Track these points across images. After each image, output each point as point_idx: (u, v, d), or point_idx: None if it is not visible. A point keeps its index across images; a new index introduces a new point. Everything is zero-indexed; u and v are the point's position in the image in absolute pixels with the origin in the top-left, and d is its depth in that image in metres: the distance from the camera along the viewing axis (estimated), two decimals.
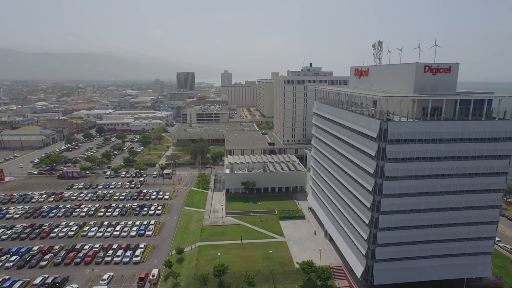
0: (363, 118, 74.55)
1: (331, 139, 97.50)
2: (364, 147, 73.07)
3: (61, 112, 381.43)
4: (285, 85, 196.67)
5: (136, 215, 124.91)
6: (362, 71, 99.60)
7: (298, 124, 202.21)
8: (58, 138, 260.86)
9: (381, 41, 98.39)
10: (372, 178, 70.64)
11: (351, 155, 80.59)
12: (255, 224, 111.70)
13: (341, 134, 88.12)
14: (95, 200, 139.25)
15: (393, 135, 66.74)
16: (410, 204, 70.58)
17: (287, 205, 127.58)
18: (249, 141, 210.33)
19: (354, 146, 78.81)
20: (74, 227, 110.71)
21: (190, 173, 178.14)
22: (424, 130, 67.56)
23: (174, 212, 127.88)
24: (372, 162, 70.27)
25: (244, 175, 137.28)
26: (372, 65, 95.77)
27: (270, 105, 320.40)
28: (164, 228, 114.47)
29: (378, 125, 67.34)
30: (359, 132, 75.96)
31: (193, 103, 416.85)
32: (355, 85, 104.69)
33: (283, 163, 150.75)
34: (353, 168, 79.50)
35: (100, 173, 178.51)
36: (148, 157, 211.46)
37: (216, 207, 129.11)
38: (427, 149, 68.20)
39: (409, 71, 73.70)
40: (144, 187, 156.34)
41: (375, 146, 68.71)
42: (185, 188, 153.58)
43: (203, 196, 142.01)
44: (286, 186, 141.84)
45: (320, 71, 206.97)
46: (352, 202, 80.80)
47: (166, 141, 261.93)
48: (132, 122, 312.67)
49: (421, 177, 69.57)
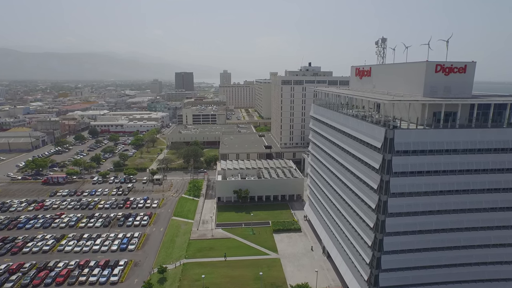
0: (366, 124, 65.35)
1: (329, 146, 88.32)
2: (366, 158, 63.88)
3: (55, 113, 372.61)
4: (283, 86, 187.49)
5: (120, 226, 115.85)
6: (363, 71, 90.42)
7: (296, 127, 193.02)
8: (49, 140, 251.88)
9: (385, 38, 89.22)
10: (375, 194, 61.46)
11: (352, 166, 71.40)
12: (246, 238, 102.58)
13: (340, 141, 78.95)
14: (78, 208, 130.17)
15: (400, 145, 57.54)
16: (420, 223, 61.36)
17: (282, 216, 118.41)
18: (245, 144, 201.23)
19: (355, 156, 69.64)
20: (50, 241, 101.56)
21: (182, 178, 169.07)
22: (436, 139, 58.33)
23: (161, 222, 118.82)
24: (375, 176, 61.09)
25: (237, 183, 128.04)
26: (375, 65, 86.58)
27: (268, 106, 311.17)
28: (148, 241, 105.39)
29: (383, 134, 58.17)
30: (361, 141, 66.77)
31: (191, 104, 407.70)
32: (356, 86, 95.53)
33: (279, 169, 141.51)
34: (354, 181, 70.31)
35: (87, 178, 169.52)
36: (140, 160, 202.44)
37: (206, 217, 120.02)
38: (439, 161, 58.97)
39: (418, 71, 64.48)
40: (132, 194, 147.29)
41: (379, 158, 59.54)
42: (175, 195, 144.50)
43: (194, 205, 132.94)
44: (281, 194, 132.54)
45: (319, 71, 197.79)
46: (353, 219, 71.61)
47: (160, 143, 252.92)
48: (127, 123, 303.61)
49: (432, 193, 60.31)
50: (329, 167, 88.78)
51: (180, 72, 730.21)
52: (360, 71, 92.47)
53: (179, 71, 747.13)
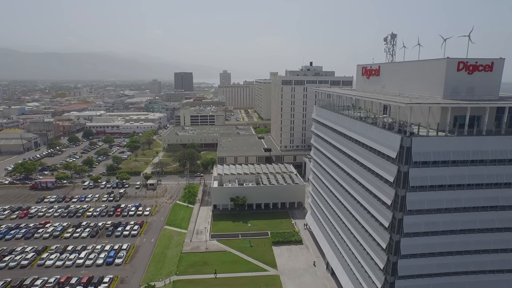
0: (377, 130, 57.39)
1: (333, 152, 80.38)
2: (378, 169, 55.92)
3: (51, 113, 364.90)
4: (283, 86, 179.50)
5: (109, 236, 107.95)
6: (371, 70, 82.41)
7: (296, 129, 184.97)
8: (42, 142, 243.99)
9: (395, 34, 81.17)
10: (389, 210, 53.50)
11: (360, 176, 63.42)
12: (243, 251, 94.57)
13: (346, 147, 71.00)
14: (65, 216, 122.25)
15: (419, 155, 49.58)
16: (440, 245, 53.39)
17: (282, 225, 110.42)
18: (244, 147, 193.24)
19: (364, 165, 61.65)
20: (30, 254, 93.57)
21: (177, 183, 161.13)
22: (460, 148, 50.35)
23: (153, 232, 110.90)
24: (389, 190, 53.13)
25: (234, 190, 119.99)
26: (385, 63, 78.62)
27: (268, 107, 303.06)
28: (138, 254, 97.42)
29: (398, 142, 50.23)
30: (371, 149, 58.82)
31: (189, 104, 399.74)
32: (363, 86, 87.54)
33: (279, 174, 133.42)
34: (363, 194, 62.32)
35: (78, 183, 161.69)
36: (135, 164, 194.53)
37: (200, 227, 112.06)
38: (463, 174, 51.01)
39: (437, 69, 56.50)
40: (123, 200, 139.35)
41: (393, 169, 51.58)
42: (169, 202, 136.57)
43: (188, 212, 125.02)
44: (281, 202, 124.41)
45: (321, 71, 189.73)
46: (362, 237, 63.62)
47: (156, 145, 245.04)
48: (123, 124, 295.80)
49: (455, 210, 52.35)
50: (333, 175, 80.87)
51: (180, 72, 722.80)
52: (368, 70, 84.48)
53: (179, 71, 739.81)
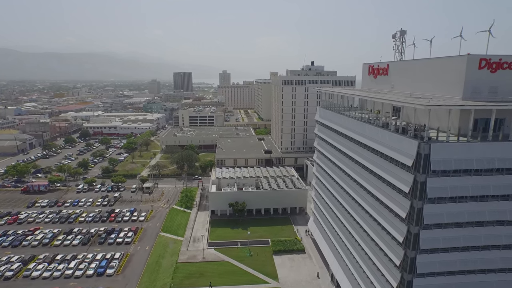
0: (389, 135, 52.10)
1: (339, 156, 75.11)
2: (391, 178, 50.63)
3: (48, 114, 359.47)
4: (284, 86, 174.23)
5: (101, 244, 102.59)
6: (379, 69, 77.13)
7: (298, 130, 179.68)
8: (37, 143, 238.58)
9: (404, 31, 75.94)
10: (403, 224, 48.22)
11: (369, 184, 58.12)
12: (242, 261, 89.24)
13: (353, 152, 65.72)
14: (56, 222, 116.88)
15: (439, 164, 44.29)
16: (461, 262, 48.12)
17: (283, 232, 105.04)
18: (243, 149, 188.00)
19: (374, 173, 56.36)
20: (16, 264, 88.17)
21: (175, 186, 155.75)
22: (484, 155, 45.08)
23: (148, 239, 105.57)
24: (404, 202, 47.84)
25: (233, 194, 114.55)
26: (394, 61, 73.33)
27: (268, 107, 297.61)
28: (131, 264, 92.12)
29: (414, 148, 44.94)
30: (383, 155, 53.54)
31: (188, 105, 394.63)
32: (369, 86, 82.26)
33: (280, 178, 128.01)
34: (374, 204, 57.01)
35: (72, 186, 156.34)
36: (131, 166, 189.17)
37: (197, 233, 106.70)
38: (488, 184, 45.74)
39: (456, 68, 51.21)
40: (118, 205, 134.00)
41: (409, 179, 46.30)
42: (165, 206, 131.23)
43: (185, 218, 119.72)
44: (282, 207, 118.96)
45: (322, 71, 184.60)
46: (372, 251, 58.31)
47: (154, 146, 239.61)
48: (120, 125, 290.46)
49: (478, 223, 47.13)
50: (339, 181, 75.59)
51: (179, 72, 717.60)
52: (375, 69, 79.22)
53: (178, 72, 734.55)
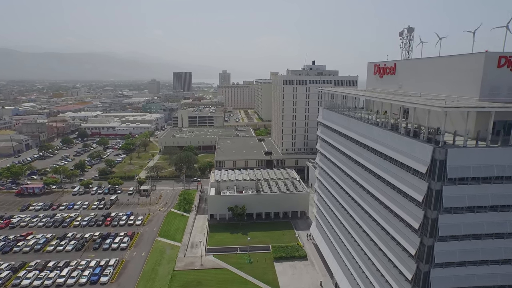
0: (400, 138, 48.40)
1: (343, 160, 71.45)
2: (402, 185, 46.95)
3: (46, 114, 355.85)
4: (284, 86, 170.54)
5: (96, 250, 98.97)
6: (385, 68, 73.45)
7: (298, 131, 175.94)
8: (34, 144, 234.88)
9: (412, 28, 72.33)
10: (416, 235, 44.54)
11: (377, 191, 54.44)
12: (242, 268, 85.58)
13: (360, 156, 62.05)
14: (50, 226, 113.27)
15: (456, 171, 40.61)
16: (479, 277, 44.43)
17: (284, 238, 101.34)
18: (243, 150, 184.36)
19: (383, 179, 52.69)
20: (5, 272, 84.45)
21: (173, 188, 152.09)
22: (505, 161, 41.36)
23: (144, 245, 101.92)
24: (416, 211, 44.16)
25: (232, 198, 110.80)
26: (402, 60, 69.72)
27: (268, 108, 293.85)
28: (126, 271, 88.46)
29: (429, 153, 41.27)
30: (393, 160, 49.85)
31: (188, 105, 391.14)
32: (375, 86, 78.60)
33: (281, 181, 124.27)
34: (382, 212, 53.33)
35: (68, 188, 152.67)
36: (129, 167, 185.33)
37: (196, 239, 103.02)
38: (509, 192, 42.04)
39: (472, 66, 47.54)
40: (114, 208, 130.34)
41: (422, 187, 42.63)
42: (163, 210, 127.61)
43: (183, 222, 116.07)
44: (284, 211, 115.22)
45: (324, 70, 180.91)
46: (380, 262, 54.60)
47: (153, 147, 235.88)
48: (119, 125, 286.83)
49: (499, 235, 43.45)
50: (343, 186, 71.94)
51: (179, 72, 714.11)
52: (381, 68, 75.53)
53: (178, 71, 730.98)
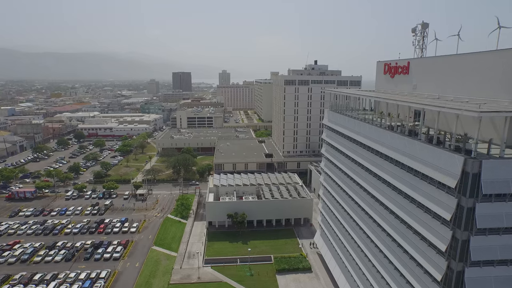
0: (421, 146, 42.71)
1: (352, 167, 65.81)
2: (424, 200, 41.27)
3: (42, 114, 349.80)
4: (286, 86, 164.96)
5: (87, 260, 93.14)
6: (397, 67, 67.87)
7: (300, 133, 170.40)
8: (29, 146, 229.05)
9: (427, 23, 66.60)
10: (442, 259, 38.86)
11: (395, 205, 48.74)
12: (242, 282, 79.91)
13: (372, 164, 56.39)
14: (39, 234, 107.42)
15: (492, 186, 34.96)
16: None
17: (287, 247, 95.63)
18: (243, 152, 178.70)
19: (401, 191, 47.00)
20: None
21: (170, 192, 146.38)
22: None
23: (138, 254, 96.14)
24: (443, 231, 38.49)
25: (232, 205, 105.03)
26: (417, 58, 64.07)
27: (268, 108, 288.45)
28: (118, 284, 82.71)
29: (459, 165, 35.61)
30: (412, 170, 44.17)
31: (187, 105, 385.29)
32: (385, 87, 73.03)
33: (283, 185, 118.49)
34: (399, 228, 47.64)
35: (61, 192, 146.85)
36: (125, 170, 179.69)
37: (193, 248, 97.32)
38: None
39: (504, 64, 41.89)
40: (108, 214, 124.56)
41: (451, 203, 36.96)
42: (159, 216, 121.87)
43: (180, 229, 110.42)
44: (286, 218, 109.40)
45: (326, 70, 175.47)
46: (395, 282, 48.82)
47: (151, 149, 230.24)
48: (116, 126, 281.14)
49: None
50: (351, 194, 66.31)
51: (178, 72, 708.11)
52: (392, 67, 69.95)
53: (177, 71, 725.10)
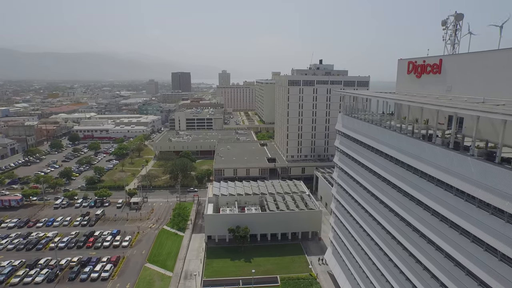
0: (475, 163, 33.31)
1: (372, 180, 56.51)
2: (479, 232, 31.89)
3: (37, 115, 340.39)
4: (290, 87, 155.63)
5: (72, 281, 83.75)
6: (426, 65, 58.55)
7: (305, 136, 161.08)
8: (21, 149, 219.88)
9: (461, 14, 57.24)
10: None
11: (426, 227, 39.33)
12: None
13: (400, 180, 47.04)
14: (21, 249, 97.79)
15: None
16: None
17: (295, 266, 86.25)
18: (244, 156, 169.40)
19: (441, 216, 37.60)
20: None
21: (167, 200, 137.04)
22: None
23: (130, 273, 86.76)
24: (500, 268, 29.15)
25: (233, 218, 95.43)
26: (453, 55, 54.73)
27: (270, 109, 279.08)
28: None
29: None
30: (464, 194, 34.81)
31: (186, 106, 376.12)
32: (409, 88, 63.70)
33: (288, 195, 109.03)
34: (432, 255, 38.20)
35: (50, 200, 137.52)
36: (120, 175, 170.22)
37: (190, 266, 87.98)
38: None
39: None
40: (99, 225, 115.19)
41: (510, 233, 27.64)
42: (154, 227, 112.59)
43: (176, 243, 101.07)
44: (292, 232, 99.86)
45: (332, 70, 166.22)
46: None
47: (148, 152, 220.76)
48: (112, 128, 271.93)
49: None
50: (372, 212, 57.03)
51: (177, 72, 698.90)
52: (418, 66, 60.63)
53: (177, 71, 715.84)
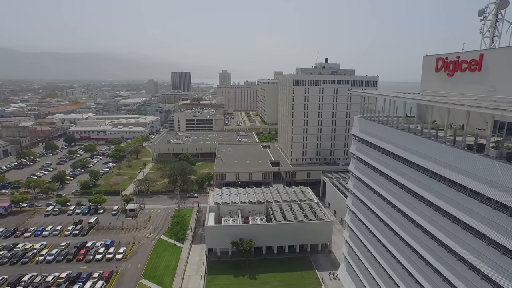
0: None
1: (396, 193, 48.66)
2: None
3: (34, 116, 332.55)
4: (295, 87, 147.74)
5: None
6: (460, 62, 50.76)
7: (310, 138, 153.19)
8: (14, 151, 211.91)
9: (506, 1, 49.46)
10: None
11: (467, 250, 31.51)
12: None
13: (433, 195, 39.22)
14: (5, 263, 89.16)
15: None
16: None
17: (304, 284, 78.18)
18: (247, 159, 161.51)
19: (481, 234, 29.79)
20: None
21: (165, 207, 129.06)
22: None
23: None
24: None
25: (236, 229, 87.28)
26: (496, 48, 46.93)
27: (272, 110, 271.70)
28: None
29: None
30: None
31: (186, 106, 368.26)
32: (439, 87, 55.89)
33: (295, 203, 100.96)
34: (473, 282, 30.38)
35: (41, 206, 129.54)
36: (116, 179, 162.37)
37: (190, 284, 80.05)
38: None
39: None
40: (92, 235, 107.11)
41: None
42: (151, 237, 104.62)
43: (175, 255, 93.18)
44: (301, 244, 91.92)
45: (338, 69, 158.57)
46: None
47: (146, 154, 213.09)
48: (110, 129, 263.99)
49: None
50: (394, 228, 49.22)
51: (177, 72, 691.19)
52: (450, 62, 52.84)
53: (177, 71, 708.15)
